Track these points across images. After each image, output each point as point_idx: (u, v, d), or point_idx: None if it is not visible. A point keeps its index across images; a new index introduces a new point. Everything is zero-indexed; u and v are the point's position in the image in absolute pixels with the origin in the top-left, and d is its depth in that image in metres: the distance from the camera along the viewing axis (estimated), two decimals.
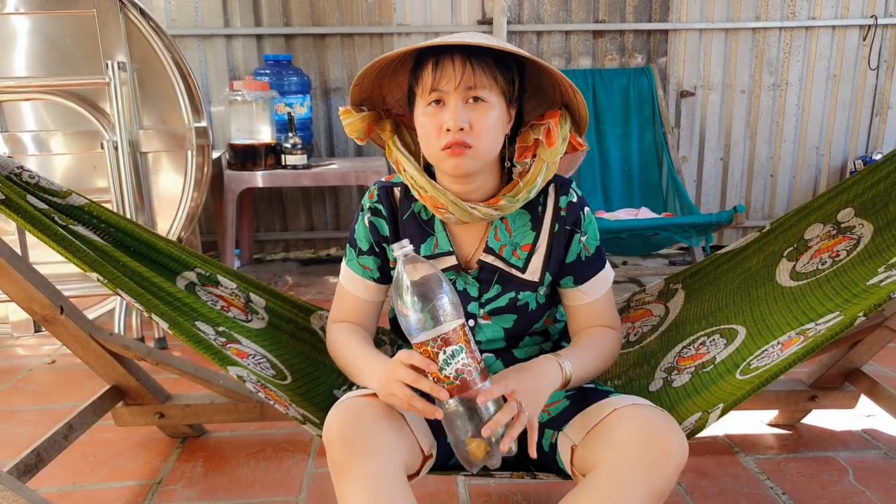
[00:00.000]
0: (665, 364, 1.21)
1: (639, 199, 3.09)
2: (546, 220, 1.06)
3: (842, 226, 1.24)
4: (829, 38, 3.29)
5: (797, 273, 1.22)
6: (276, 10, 3.12)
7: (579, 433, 0.92)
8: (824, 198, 1.29)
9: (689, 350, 1.20)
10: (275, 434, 1.65)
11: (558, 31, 3.25)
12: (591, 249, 1.07)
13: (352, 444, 0.87)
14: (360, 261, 1.12)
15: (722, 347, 1.15)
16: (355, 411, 0.91)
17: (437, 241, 1.07)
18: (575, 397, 1.01)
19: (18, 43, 2.17)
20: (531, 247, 1.06)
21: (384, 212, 1.09)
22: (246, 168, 2.74)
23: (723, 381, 1.04)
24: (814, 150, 3.42)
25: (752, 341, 1.11)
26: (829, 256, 1.19)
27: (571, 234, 1.06)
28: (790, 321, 1.09)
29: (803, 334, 1.01)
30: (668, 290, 1.41)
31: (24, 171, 1.23)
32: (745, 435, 1.59)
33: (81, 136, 2.25)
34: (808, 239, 1.27)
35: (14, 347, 2.33)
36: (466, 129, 0.94)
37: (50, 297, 1.37)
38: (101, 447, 1.62)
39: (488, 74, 0.94)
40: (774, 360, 0.98)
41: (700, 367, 1.13)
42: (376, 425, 0.89)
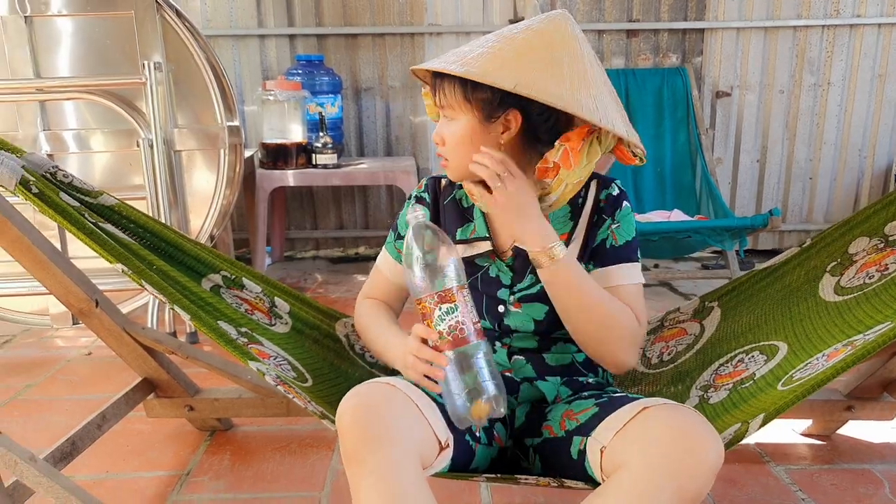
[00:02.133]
0: (701, 382, 1.17)
1: (671, 200, 3.04)
2: (586, 211, 1.08)
3: (890, 238, 1.19)
4: (875, 36, 3.19)
5: (842, 288, 1.17)
6: (310, 10, 3.15)
7: (608, 434, 0.89)
8: (869, 211, 1.25)
9: (727, 368, 1.17)
10: (300, 430, 1.66)
11: (591, 31, 3.21)
12: (619, 240, 1.06)
13: (366, 432, 0.86)
14: (397, 244, 1.19)
15: (762, 364, 1.11)
16: (369, 398, 0.90)
17: (474, 227, 1.11)
18: (604, 404, 0.97)
19: (60, 44, 2.23)
20: (568, 236, 1.07)
21: (428, 199, 1.17)
22: (277, 167, 2.77)
23: (763, 395, 1.01)
24: (856, 152, 3.32)
25: (794, 356, 1.07)
26: (877, 270, 1.15)
27: (603, 221, 1.07)
28: (836, 334, 1.05)
29: (851, 345, 0.97)
30: (704, 308, 1.38)
31: (58, 171, 1.27)
32: (776, 444, 1.55)
33: (118, 134, 2.30)
34: (852, 253, 1.23)
35: (53, 339, 2.40)
36: (440, 143, 1.03)
37: (86, 291, 1.41)
38: (132, 438, 1.65)
39: (458, 94, 0.98)
40: (819, 370, 0.95)
41: (738, 384, 1.10)
42: (391, 413, 0.88)
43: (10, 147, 1.22)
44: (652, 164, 3.08)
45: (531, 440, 1.07)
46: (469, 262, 1.10)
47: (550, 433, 1.02)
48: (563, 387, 1.09)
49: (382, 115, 3.30)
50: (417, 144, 3.33)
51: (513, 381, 1.09)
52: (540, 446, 1.04)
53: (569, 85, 0.93)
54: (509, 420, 1.12)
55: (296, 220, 3.40)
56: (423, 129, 3.32)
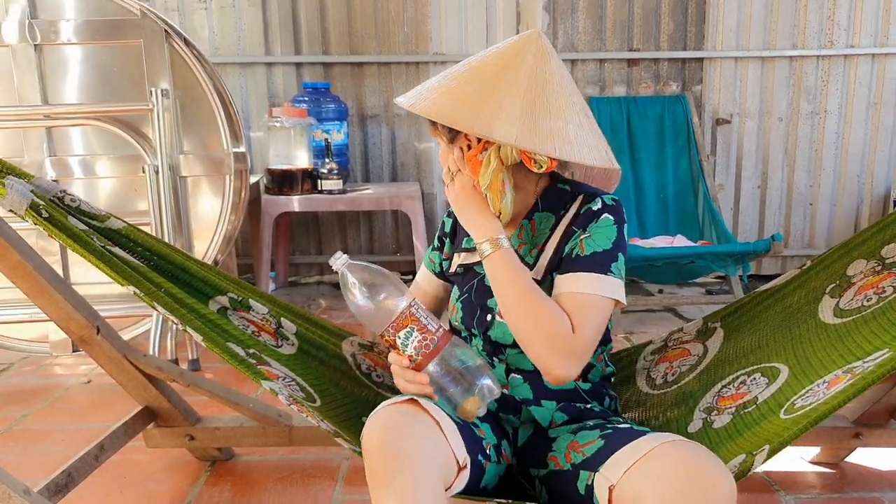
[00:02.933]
0: (704, 404, 1.17)
1: (674, 226, 3.05)
2: (564, 222, 1.10)
3: (887, 261, 1.19)
4: (869, 66, 3.23)
5: (841, 310, 1.17)
6: (316, 39, 3.20)
7: (617, 472, 0.88)
8: (866, 234, 1.25)
9: (729, 389, 1.16)
10: (302, 459, 1.65)
11: (593, 60, 3.25)
12: (586, 250, 1.04)
13: (390, 451, 0.87)
14: (430, 255, 1.30)
15: (763, 387, 1.11)
16: (394, 419, 0.91)
17: None
18: (609, 437, 0.96)
19: (68, 71, 2.26)
20: (542, 246, 1.11)
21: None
22: (283, 192, 2.78)
23: (766, 422, 1.00)
24: (855, 179, 3.34)
25: (795, 380, 1.06)
26: (875, 293, 1.15)
27: (573, 233, 1.07)
28: (836, 359, 1.04)
29: (850, 372, 0.97)
30: (707, 329, 1.38)
31: (66, 195, 1.27)
32: (785, 472, 1.53)
33: (123, 160, 2.32)
34: (850, 275, 1.23)
35: (52, 366, 2.38)
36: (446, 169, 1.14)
37: (87, 318, 1.40)
38: (130, 468, 1.63)
39: (429, 123, 1.11)
40: (820, 399, 0.94)
41: (741, 408, 1.09)
42: (414, 434, 0.90)
43: (19, 172, 1.22)
44: (654, 190, 3.10)
45: (537, 471, 1.06)
46: (468, 268, 1.17)
47: (556, 465, 1.01)
48: (558, 412, 1.08)
49: (388, 141, 3.32)
50: (422, 170, 3.35)
51: (514, 400, 1.09)
52: (546, 478, 1.03)
53: (484, 107, 1.00)
54: (513, 437, 1.12)
55: (300, 244, 3.41)
56: (428, 155, 3.34)
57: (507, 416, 1.11)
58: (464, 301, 1.16)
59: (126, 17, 2.19)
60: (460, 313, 1.16)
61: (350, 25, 3.20)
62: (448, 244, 1.27)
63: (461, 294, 1.17)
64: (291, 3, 3.17)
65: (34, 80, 2.21)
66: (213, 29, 3.18)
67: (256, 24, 3.18)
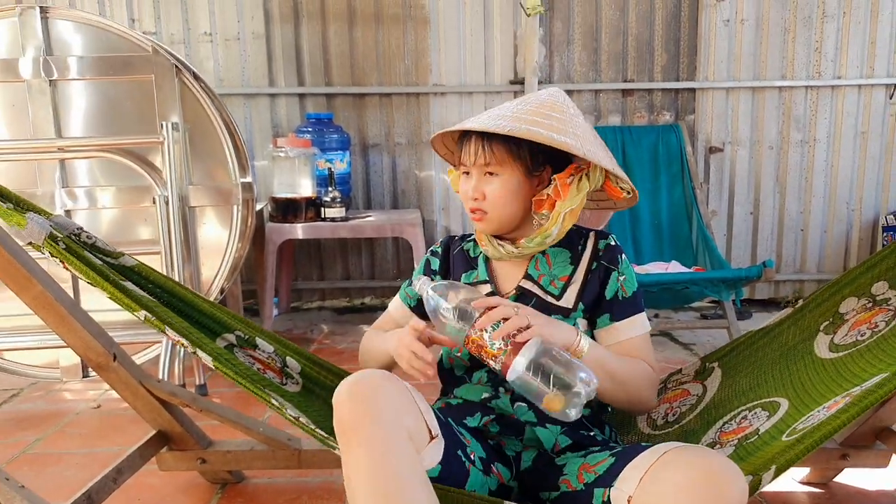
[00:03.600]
0: (707, 440, 1.21)
1: (669, 252, 3.12)
2: (585, 257, 1.21)
3: (877, 298, 1.26)
4: (856, 96, 3.34)
5: (836, 345, 1.23)
6: (319, 70, 3.30)
7: (632, 483, 0.91)
8: (855, 273, 1.32)
9: (731, 425, 1.21)
10: (310, 482, 1.69)
11: (588, 90, 3.35)
12: (628, 292, 1.19)
13: (361, 404, 0.92)
14: (407, 290, 1.34)
15: (765, 419, 1.15)
16: (367, 378, 0.97)
17: (477, 273, 1.26)
18: (619, 453, 1.01)
19: (82, 105, 2.33)
20: (568, 278, 1.19)
21: (440, 252, 1.33)
22: (287, 220, 2.85)
23: (769, 447, 1.03)
24: (844, 205, 3.43)
25: (795, 411, 1.11)
26: (868, 328, 1.21)
27: (608, 272, 1.19)
28: (834, 388, 1.10)
29: (849, 395, 1.02)
30: (705, 370, 1.44)
31: (82, 233, 1.33)
32: (777, 492, 1.59)
33: (132, 190, 2.38)
34: (843, 313, 1.29)
35: (61, 392, 2.43)
36: (480, 198, 1.15)
37: (104, 345, 1.46)
38: (144, 491, 1.68)
39: (501, 153, 1.12)
40: (822, 419, 0.99)
41: (743, 439, 1.13)
42: (386, 393, 0.95)
43: (39, 210, 1.28)
44: (649, 217, 3.18)
45: (548, 494, 1.09)
46: None
47: (569, 487, 1.05)
48: (562, 436, 1.12)
49: (389, 169, 3.41)
50: (423, 198, 3.43)
51: (518, 423, 1.14)
52: (558, 500, 1.07)
53: (574, 137, 1.10)
54: (514, 461, 1.15)
55: (302, 271, 3.47)
56: (429, 183, 3.43)
57: (509, 439, 1.15)
58: None
59: (138, 53, 2.28)
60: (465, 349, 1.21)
61: (352, 57, 3.30)
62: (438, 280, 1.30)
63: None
64: (294, 36, 3.28)
65: (48, 114, 2.29)
66: (219, 61, 3.28)
67: (260, 56, 3.28)
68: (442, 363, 1.27)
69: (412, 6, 3.27)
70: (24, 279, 1.31)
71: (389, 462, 0.89)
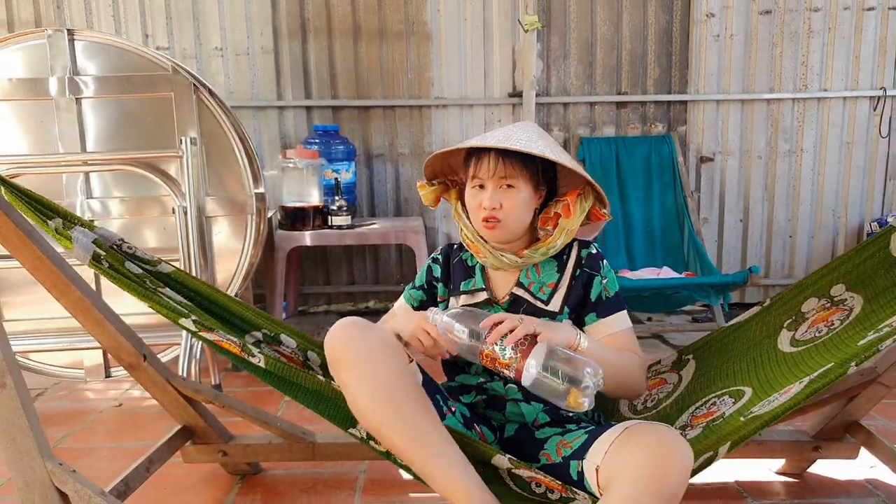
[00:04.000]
0: (679, 423, 1.35)
1: (661, 258, 3.26)
2: (569, 266, 1.35)
3: (835, 299, 1.40)
4: (841, 108, 3.48)
5: (797, 340, 1.37)
6: (325, 84, 3.44)
7: (599, 455, 1.09)
8: (817, 275, 1.46)
9: (702, 410, 1.35)
10: (324, 472, 1.83)
11: (584, 103, 3.49)
12: (610, 293, 1.34)
13: (349, 338, 1.19)
14: (412, 292, 1.48)
15: (731, 405, 1.29)
16: (353, 320, 1.23)
17: (474, 282, 1.39)
18: (592, 431, 1.18)
19: (106, 119, 2.46)
20: (555, 285, 1.33)
21: (441, 260, 1.46)
22: (296, 228, 2.99)
23: (728, 426, 1.18)
24: (830, 213, 3.57)
25: (756, 398, 1.25)
26: (825, 325, 1.35)
27: (591, 277, 1.33)
28: (790, 379, 1.23)
29: (801, 383, 1.16)
30: (681, 361, 1.58)
31: (123, 243, 1.47)
32: (754, 482, 1.72)
33: (145, 200, 2.51)
34: (804, 311, 1.44)
35: (84, 391, 2.56)
36: (498, 208, 1.27)
37: (135, 346, 1.60)
38: (169, 481, 1.81)
39: (518, 167, 1.27)
40: (776, 404, 1.13)
41: (711, 422, 1.28)
42: (367, 327, 1.23)
43: (84, 222, 1.41)
44: (642, 224, 3.31)
45: (530, 465, 1.24)
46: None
47: (549, 460, 1.23)
48: (543, 413, 1.31)
49: (392, 179, 3.55)
50: (425, 206, 3.54)
51: (500, 400, 1.32)
52: (540, 469, 1.22)
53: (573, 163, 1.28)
54: (499, 430, 1.34)
55: (309, 276, 3.61)
56: None
57: (493, 413, 1.34)
58: None
59: (158, 72, 2.42)
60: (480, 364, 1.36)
61: (357, 71, 3.44)
62: (441, 288, 1.44)
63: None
64: (302, 51, 3.42)
65: (74, 130, 2.43)
66: (229, 75, 3.42)
67: (269, 70, 3.42)
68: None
69: (415, 22, 3.41)
70: (63, 286, 1.46)
71: (382, 374, 1.12)
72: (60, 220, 1.33)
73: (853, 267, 1.41)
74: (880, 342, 1.08)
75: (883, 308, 1.25)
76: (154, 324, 2.30)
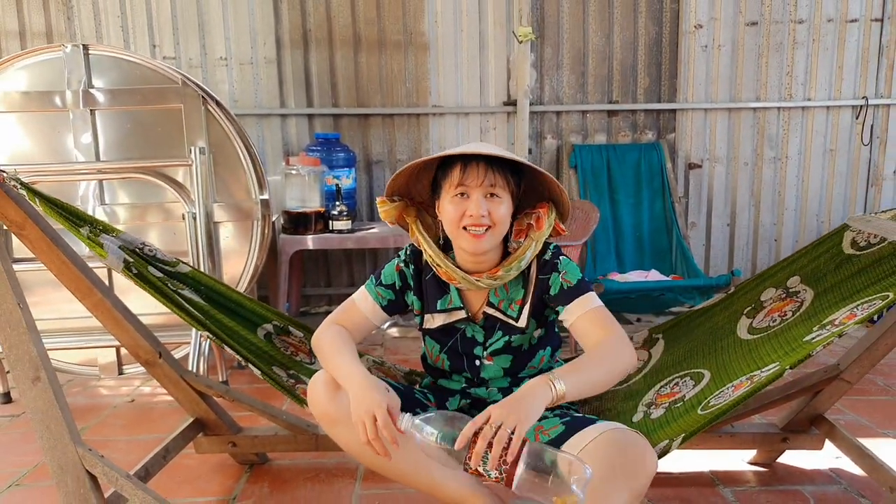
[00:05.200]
0: (647, 400, 1.49)
1: (649, 262, 3.39)
2: (531, 277, 1.38)
3: (790, 290, 1.53)
4: (825, 116, 3.61)
5: (753, 328, 1.50)
6: (326, 93, 3.57)
7: (574, 450, 1.19)
8: (777, 267, 1.59)
9: (666, 389, 1.48)
10: (327, 462, 1.95)
11: (576, 111, 3.62)
12: (572, 281, 1.34)
13: (331, 394, 1.30)
14: (378, 289, 1.45)
15: (691, 387, 1.42)
16: (327, 380, 1.33)
17: (450, 299, 1.41)
18: (569, 423, 1.29)
19: (117, 129, 2.59)
20: (522, 301, 1.38)
21: (412, 267, 1.44)
22: (298, 232, 3.11)
23: (687, 416, 1.31)
24: (814, 218, 3.70)
25: (713, 383, 1.38)
26: (779, 315, 1.48)
27: (546, 280, 1.35)
28: (743, 368, 1.36)
29: (751, 380, 1.29)
30: (652, 339, 1.71)
31: (145, 246, 1.59)
32: (727, 471, 1.85)
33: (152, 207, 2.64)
34: (763, 300, 1.56)
35: (97, 388, 2.68)
36: (486, 215, 1.28)
37: (152, 345, 1.72)
38: (182, 470, 1.93)
39: (502, 177, 1.29)
40: (726, 400, 1.27)
41: (673, 403, 1.40)
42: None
43: (108, 227, 1.53)
44: (631, 229, 3.44)
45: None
46: (450, 327, 1.43)
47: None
48: None
49: None
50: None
51: (486, 402, 1.39)
52: None
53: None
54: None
55: (311, 278, 3.73)
56: None
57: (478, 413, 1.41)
58: (449, 352, 1.44)
59: (168, 85, 2.55)
60: (447, 361, 1.44)
61: (357, 81, 3.57)
62: (413, 299, 1.43)
63: (444, 346, 1.44)
64: (304, 61, 3.55)
65: (89, 139, 2.55)
66: (233, 83, 3.55)
67: (272, 79, 3.55)
68: (426, 360, 1.51)
69: (413, 33, 3.54)
70: (87, 288, 1.58)
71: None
72: (88, 228, 1.45)
73: (809, 261, 1.54)
74: (820, 344, 1.19)
75: (830, 304, 1.38)
76: (164, 323, 2.43)
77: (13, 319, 1.33)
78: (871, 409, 2.27)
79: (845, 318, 1.26)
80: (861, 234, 1.51)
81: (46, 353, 1.37)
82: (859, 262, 1.46)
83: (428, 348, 1.49)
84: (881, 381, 2.55)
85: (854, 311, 1.27)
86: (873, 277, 1.38)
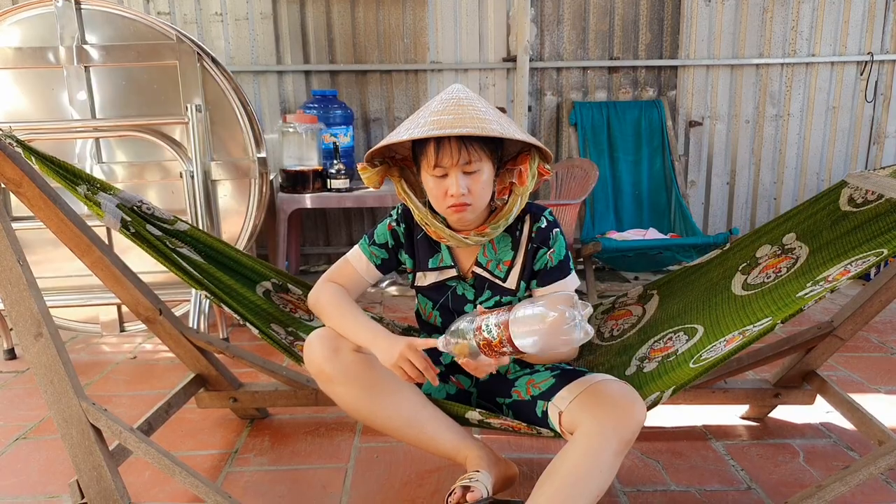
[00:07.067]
0: (640, 354, 1.50)
1: (648, 220, 3.39)
2: (522, 241, 1.39)
3: (785, 247, 1.53)
4: (828, 73, 3.56)
5: (748, 284, 1.51)
6: (323, 49, 3.51)
7: (564, 402, 1.24)
8: (773, 224, 1.59)
9: (660, 343, 1.50)
10: (326, 417, 1.99)
11: (576, 67, 3.57)
12: (554, 261, 1.38)
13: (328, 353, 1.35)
14: (372, 248, 1.46)
15: (684, 342, 1.43)
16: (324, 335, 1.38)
17: (441, 257, 1.42)
18: (558, 376, 1.33)
19: (112, 86, 2.57)
20: (511, 262, 1.40)
21: (404, 225, 1.45)
22: (296, 191, 3.11)
23: (679, 369, 1.32)
24: (815, 176, 3.69)
25: (706, 338, 1.39)
26: (774, 272, 1.49)
27: (537, 250, 1.37)
28: (736, 323, 1.37)
29: (742, 334, 1.30)
30: (646, 295, 1.72)
31: (143, 204, 1.59)
32: (719, 425, 1.88)
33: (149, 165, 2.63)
34: (758, 257, 1.57)
35: (100, 345, 2.72)
36: (465, 193, 1.26)
37: (152, 302, 1.73)
38: (185, 424, 1.97)
39: (478, 149, 1.25)
40: (718, 354, 1.28)
41: (665, 357, 1.42)
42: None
43: (106, 185, 1.53)
44: (630, 187, 3.43)
45: (502, 399, 1.42)
46: (441, 284, 1.44)
47: (519, 396, 1.38)
48: (514, 364, 1.43)
49: None
50: None
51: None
52: (511, 405, 1.40)
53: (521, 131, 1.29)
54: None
55: (310, 237, 3.74)
56: None
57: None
58: (441, 309, 1.46)
59: (163, 41, 2.51)
60: (440, 318, 1.47)
61: (354, 37, 3.51)
62: (406, 258, 1.45)
63: (436, 303, 1.46)
64: (300, 16, 3.48)
65: (84, 96, 2.53)
66: (229, 40, 3.49)
67: (268, 35, 3.49)
68: (420, 315, 1.54)
69: None
70: (86, 246, 1.58)
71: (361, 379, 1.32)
72: (86, 186, 1.44)
73: (805, 217, 1.54)
74: (812, 299, 1.20)
75: (824, 260, 1.38)
76: (165, 281, 2.44)
77: (13, 276, 1.34)
78: (864, 365, 2.31)
79: (839, 274, 1.27)
80: (859, 191, 1.50)
81: (48, 310, 1.38)
82: (856, 218, 1.46)
83: (421, 305, 1.51)
84: (875, 339, 2.58)
85: (847, 268, 1.27)
86: (869, 234, 1.38)
